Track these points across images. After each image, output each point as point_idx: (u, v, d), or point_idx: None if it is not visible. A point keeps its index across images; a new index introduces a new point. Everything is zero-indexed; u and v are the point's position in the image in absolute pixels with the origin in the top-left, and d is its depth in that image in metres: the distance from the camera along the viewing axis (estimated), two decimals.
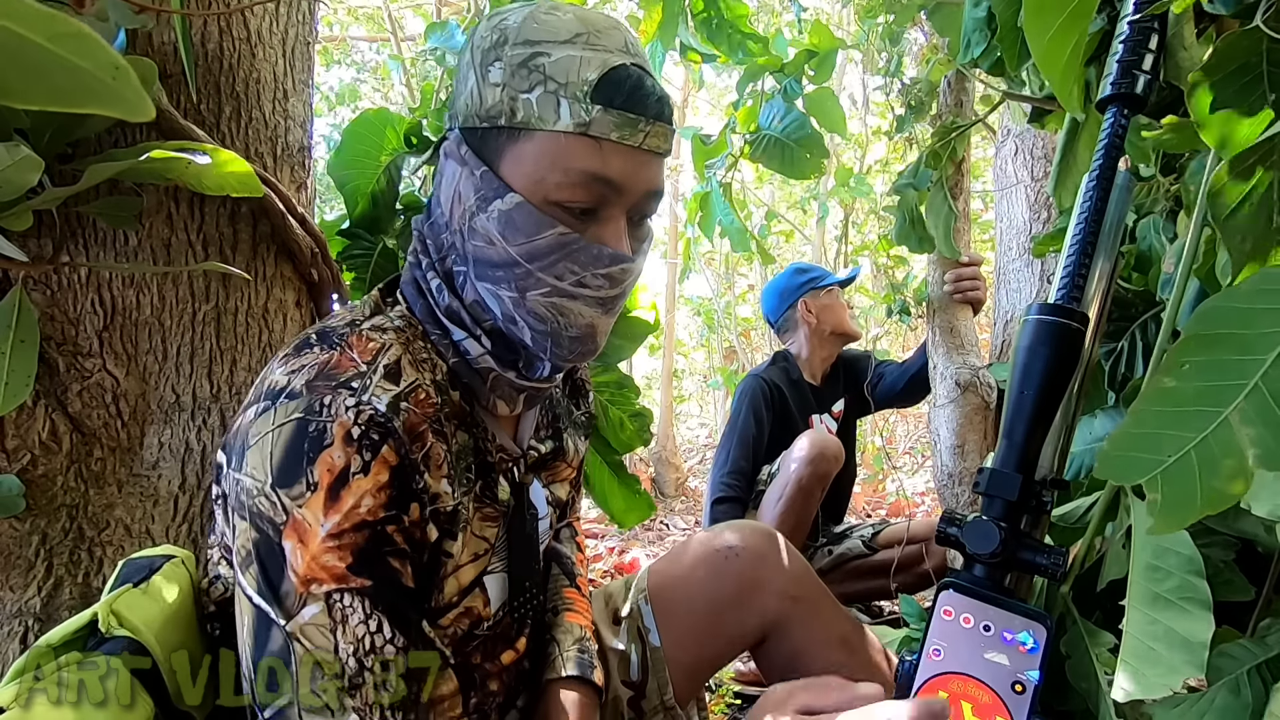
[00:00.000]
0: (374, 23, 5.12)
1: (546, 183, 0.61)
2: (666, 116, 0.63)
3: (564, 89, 0.60)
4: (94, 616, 0.62)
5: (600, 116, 0.60)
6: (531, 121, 0.60)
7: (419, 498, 0.61)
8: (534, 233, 0.62)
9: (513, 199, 0.62)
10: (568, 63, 0.60)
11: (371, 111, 1.22)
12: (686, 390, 7.08)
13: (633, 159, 0.62)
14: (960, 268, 1.48)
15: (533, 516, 0.77)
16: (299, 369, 0.60)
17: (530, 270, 0.63)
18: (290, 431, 0.57)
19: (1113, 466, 0.48)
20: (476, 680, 0.71)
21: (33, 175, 0.66)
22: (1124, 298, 0.85)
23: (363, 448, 0.57)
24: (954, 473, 1.37)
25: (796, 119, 1.68)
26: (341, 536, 0.56)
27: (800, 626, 0.87)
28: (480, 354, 0.67)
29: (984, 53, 0.96)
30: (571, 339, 0.66)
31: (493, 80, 0.62)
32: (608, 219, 0.64)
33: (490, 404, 0.70)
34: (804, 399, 2.05)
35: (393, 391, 0.61)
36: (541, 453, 0.78)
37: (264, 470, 0.57)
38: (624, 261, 0.64)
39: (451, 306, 0.67)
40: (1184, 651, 0.52)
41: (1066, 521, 0.76)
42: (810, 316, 2.10)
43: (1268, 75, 0.52)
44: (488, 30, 0.64)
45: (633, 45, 0.63)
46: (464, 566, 0.67)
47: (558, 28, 0.61)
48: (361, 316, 0.67)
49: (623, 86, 0.61)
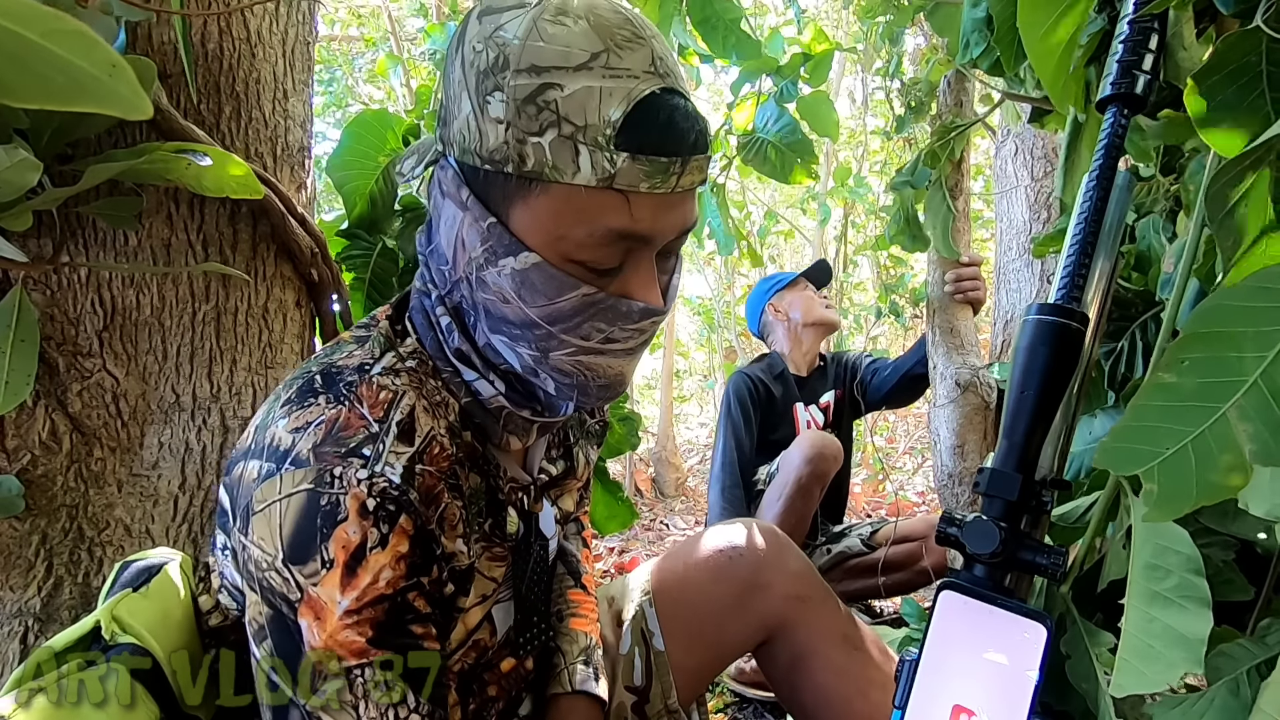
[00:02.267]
0: (365, 20, 5.10)
1: (567, 241, 0.54)
2: (702, 146, 0.55)
3: (582, 133, 0.50)
4: (96, 623, 0.62)
5: (627, 167, 0.51)
6: (545, 173, 0.52)
7: (438, 562, 0.58)
8: (555, 295, 0.55)
9: (528, 258, 0.55)
10: (585, 98, 0.50)
11: (370, 112, 1.22)
12: (686, 390, 7.08)
13: (664, 205, 0.54)
14: (960, 268, 1.48)
15: (541, 546, 0.75)
16: (305, 427, 0.55)
17: (552, 332, 0.57)
18: (300, 504, 0.52)
19: (1112, 457, 0.48)
20: (474, 688, 0.70)
21: (32, 176, 0.66)
22: (1124, 298, 0.85)
23: (379, 520, 0.53)
24: (954, 473, 1.37)
25: (788, 124, 1.69)
26: (361, 612, 0.53)
27: (804, 626, 0.86)
28: (493, 395, 0.63)
29: (983, 53, 0.96)
30: (600, 387, 0.61)
31: (494, 115, 0.52)
32: (635, 268, 0.57)
33: (503, 441, 0.66)
34: (788, 389, 2.08)
35: (407, 454, 0.56)
36: (552, 475, 0.75)
37: (273, 544, 0.53)
38: (655, 315, 0.58)
39: (462, 349, 0.62)
40: (1182, 648, 0.52)
41: (1066, 521, 0.76)
42: (780, 315, 2.17)
43: (1267, 75, 0.52)
44: (482, 42, 0.53)
45: (660, 59, 0.53)
46: (471, 609, 0.65)
47: (569, 46, 0.51)
48: (371, 358, 0.61)
49: (654, 124, 0.51)
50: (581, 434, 0.82)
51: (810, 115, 1.70)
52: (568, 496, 0.80)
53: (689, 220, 0.58)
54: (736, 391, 2.03)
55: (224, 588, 0.66)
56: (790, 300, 2.16)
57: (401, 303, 0.69)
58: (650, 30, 0.54)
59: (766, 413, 2.03)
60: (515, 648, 0.72)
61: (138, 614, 0.62)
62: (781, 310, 2.17)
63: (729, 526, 0.92)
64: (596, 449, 0.86)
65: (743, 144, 1.76)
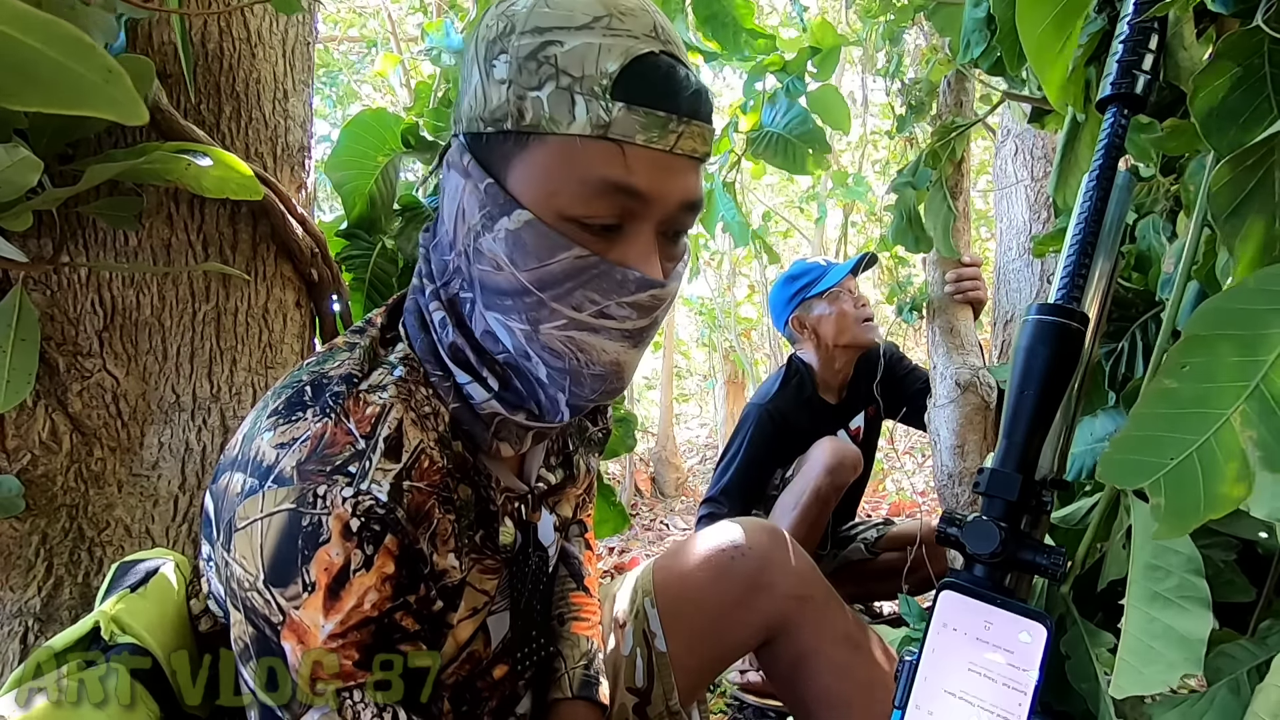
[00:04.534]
0: (365, 18, 5.10)
1: (561, 195, 0.53)
2: (704, 114, 0.54)
3: (579, 84, 0.51)
4: (95, 624, 0.62)
5: (623, 116, 0.51)
6: (542, 124, 0.52)
7: (426, 580, 0.57)
8: (546, 256, 0.54)
9: (521, 216, 0.54)
10: (584, 51, 0.51)
11: (369, 112, 1.22)
12: (686, 390, 7.08)
13: (662, 165, 0.53)
14: (961, 268, 1.48)
15: (540, 557, 0.73)
16: (290, 444, 0.53)
17: (543, 299, 0.55)
18: (281, 524, 0.51)
19: (1115, 470, 0.48)
20: (467, 695, 0.68)
21: (32, 176, 0.66)
22: (1124, 298, 0.85)
23: (363, 541, 0.51)
24: (954, 473, 1.37)
25: (799, 114, 1.66)
26: (345, 635, 0.51)
27: (806, 627, 0.85)
28: (485, 399, 0.60)
29: (984, 53, 0.96)
30: (594, 377, 0.58)
31: (498, 76, 0.53)
32: (634, 236, 0.55)
33: (493, 449, 0.63)
34: (817, 422, 1.84)
35: (394, 470, 0.54)
36: (551, 483, 0.73)
37: (254, 563, 0.51)
38: (653, 287, 0.55)
39: (456, 344, 0.60)
40: (1182, 649, 0.52)
41: (1067, 523, 0.76)
42: (808, 334, 1.87)
43: (1270, 77, 0.52)
44: (494, 18, 0.55)
45: (663, 29, 0.54)
46: (462, 623, 0.64)
47: (573, 10, 0.52)
48: (359, 368, 0.59)
49: (650, 79, 0.52)
50: (582, 441, 0.80)
51: (821, 108, 1.67)
52: (565, 503, 0.79)
53: (691, 192, 0.56)
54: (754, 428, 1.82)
55: (211, 594, 0.65)
56: (820, 315, 1.84)
57: (396, 307, 0.67)
58: (654, 8, 0.55)
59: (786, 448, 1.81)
60: (513, 661, 0.71)
61: (137, 614, 0.62)
62: (809, 328, 1.85)
63: (730, 525, 0.92)
64: (598, 456, 0.84)
65: (752, 138, 1.75)
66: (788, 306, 1.90)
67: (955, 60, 1.21)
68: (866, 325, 1.83)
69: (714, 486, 1.87)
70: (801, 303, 1.87)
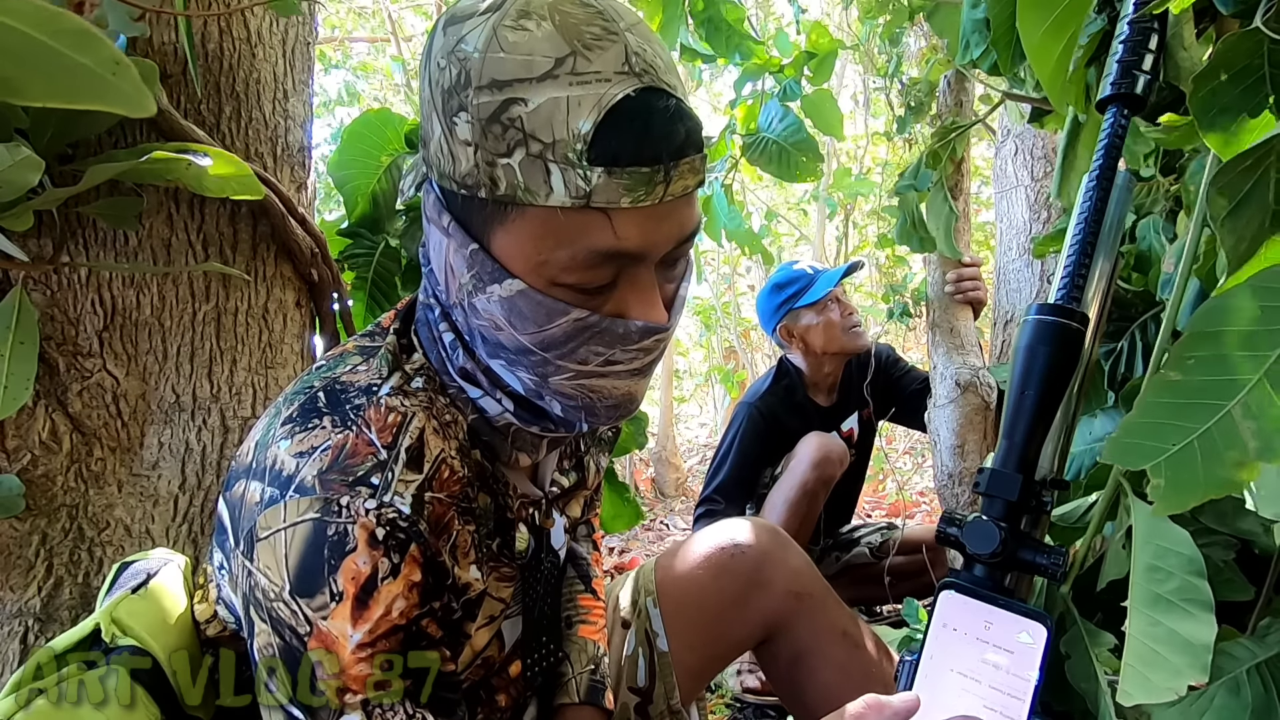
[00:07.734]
0: (365, 19, 5.10)
1: (550, 265, 0.50)
2: (693, 145, 0.49)
3: (551, 150, 0.46)
4: (96, 625, 0.62)
5: (604, 183, 0.46)
6: (518, 195, 0.48)
7: (449, 590, 0.57)
8: (545, 321, 0.52)
9: (513, 285, 0.51)
10: (550, 110, 0.46)
11: (372, 111, 1.22)
12: (686, 390, 7.08)
13: (655, 217, 0.50)
14: (961, 268, 1.48)
15: (553, 562, 0.73)
16: (309, 452, 0.53)
17: (548, 359, 0.54)
18: (306, 534, 0.50)
19: (1120, 452, 0.49)
20: (483, 696, 0.69)
21: (33, 175, 0.66)
22: (1124, 298, 0.85)
23: (390, 550, 0.51)
24: (954, 473, 1.37)
25: (793, 123, 1.68)
26: (374, 644, 0.51)
27: (804, 624, 0.86)
28: (500, 413, 0.60)
29: (983, 53, 0.96)
30: (609, 408, 0.58)
31: (461, 137, 0.48)
32: (631, 282, 0.53)
33: (512, 459, 0.63)
34: (808, 423, 1.85)
35: (416, 482, 0.54)
36: (564, 487, 0.74)
37: (279, 574, 0.51)
38: (657, 333, 0.54)
39: (466, 368, 0.60)
40: (1187, 654, 0.51)
41: (1066, 521, 0.76)
42: (795, 342, 1.87)
43: (1270, 77, 0.52)
44: (445, 58, 0.49)
45: (636, 54, 0.48)
46: (479, 630, 0.64)
47: (531, 54, 0.46)
48: (379, 377, 0.58)
49: (630, 130, 0.46)
50: (593, 442, 0.80)
51: (815, 113, 1.69)
52: (575, 504, 0.79)
53: (687, 227, 0.53)
54: (743, 426, 1.83)
55: (221, 600, 0.65)
56: (808, 325, 1.84)
57: (408, 312, 0.66)
58: (626, 21, 0.49)
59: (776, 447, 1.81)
60: (524, 665, 0.72)
61: (137, 615, 0.62)
62: (797, 336, 1.86)
63: (729, 524, 0.92)
64: (608, 455, 0.84)
65: (747, 144, 1.76)
66: (775, 315, 1.89)
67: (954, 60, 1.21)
68: (854, 333, 1.84)
69: (708, 486, 1.88)
70: (789, 312, 1.86)
